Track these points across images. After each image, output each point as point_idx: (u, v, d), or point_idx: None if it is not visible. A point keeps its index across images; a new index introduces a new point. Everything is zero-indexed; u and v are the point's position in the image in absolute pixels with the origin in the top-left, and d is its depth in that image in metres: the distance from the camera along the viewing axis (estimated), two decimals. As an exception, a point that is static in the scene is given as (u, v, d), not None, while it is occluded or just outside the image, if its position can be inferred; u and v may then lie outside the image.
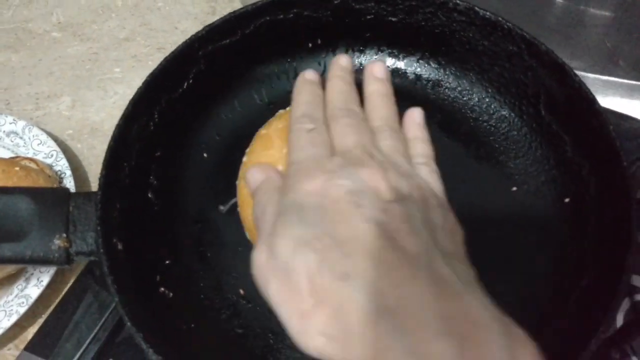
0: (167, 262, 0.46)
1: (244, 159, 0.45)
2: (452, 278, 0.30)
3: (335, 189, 0.33)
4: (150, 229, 0.47)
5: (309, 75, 0.42)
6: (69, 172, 0.64)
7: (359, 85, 0.47)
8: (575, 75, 0.46)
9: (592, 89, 0.66)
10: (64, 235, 0.41)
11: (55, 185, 0.62)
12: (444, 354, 0.26)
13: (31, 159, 0.63)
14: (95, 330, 0.50)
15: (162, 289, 0.45)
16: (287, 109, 0.46)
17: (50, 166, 0.64)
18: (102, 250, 0.40)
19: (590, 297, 0.42)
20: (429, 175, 0.39)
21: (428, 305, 0.28)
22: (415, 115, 0.43)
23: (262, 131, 0.46)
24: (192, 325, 0.44)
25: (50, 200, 0.42)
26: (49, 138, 0.67)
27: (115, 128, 0.45)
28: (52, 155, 0.66)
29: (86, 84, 0.75)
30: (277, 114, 0.47)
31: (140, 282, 0.43)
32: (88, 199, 0.43)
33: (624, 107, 0.65)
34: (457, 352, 0.26)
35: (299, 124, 0.38)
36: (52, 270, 0.57)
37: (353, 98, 0.41)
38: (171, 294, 0.45)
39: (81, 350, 0.49)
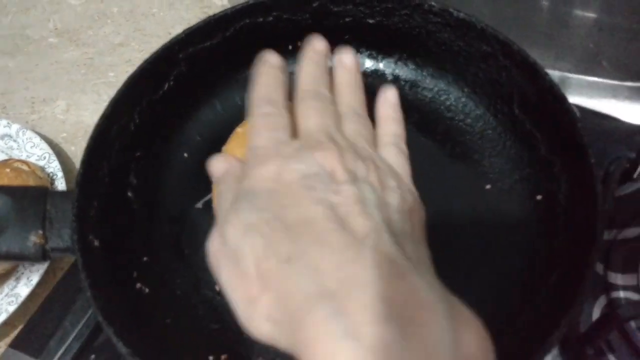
0: (144, 259, 0.47)
1: None
2: (400, 259, 0.30)
3: (289, 174, 0.32)
4: (128, 227, 0.48)
5: (270, 58, 0.42)
6: (61, 174, 0.65)
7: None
8: (546, 74, 0.47)
9: (577, 90, 0.67)
10: (40, 231, 0.42)
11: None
12: (385, 336, 0.26)
13: (23, 161, 0.64)
14: (79, 327, 0.51)
15: (139, 285, 0.46)
16: None
17: (42, 168, 0.66)
18: (76, 247, 0.41)
19: (558, 293, 0.42)
20: (395, 156, 0.39)
21: (370, 287, 0.27)
22: (389, 95, 0.43)
23: (239, 129, 0.47)
24: (168, 321, 0.45)
25: (27, 197, 0.43)
26: (42, 141, 0.68)
27: (94, 127, 0.46)
28: (44, 158, 0.67)
29: (81, 88, 0.77)
30: None
31: (116, 278, 0.44)
32: (65, 197, 0.44)
33: (608, 107, 0.66)
34: (398, 334, 0.26)
35: (257, 108, 0.38)
36: (41, 269, 0.59)
37: (323, 81, 0.40)
38: (147, 290, 0.46)
39: (64, 347, 0.50)
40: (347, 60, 0.43)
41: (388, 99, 0.43)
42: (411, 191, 0.37)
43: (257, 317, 0.30)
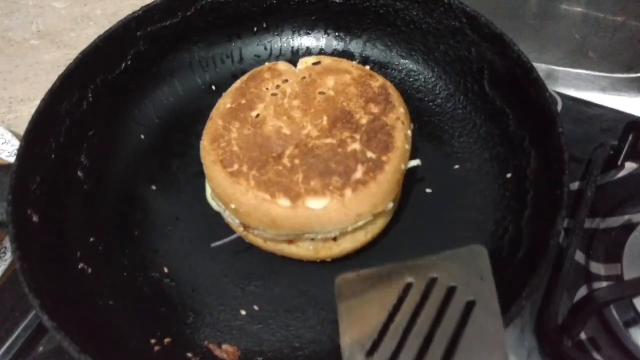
0: (91, 239, 0.45)
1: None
2: None
3: None
4: (76, 206, 0.46)
5: None
6: (30, 170, 0.64)
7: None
8: (514, 44, 0.45)
9: (564, 82, 0.65)
10: (-26, 203, 0.40)
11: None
12: None
13: (-8, 157, 0.63)
14: (29, 317, 0.49)
15: (82, 264, 0.43)
16: None
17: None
18: (9, 219, 0.39)
19: (524, 268, 0.39)
20: None
21: None
22: None
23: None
24: (110, 302, 0.42)
25: (-38, 169, 0.41)
26: (14, 137, 0.67)
27: (41, 102, 0.44)
28: (15, 154, 0.66)
29: (60, 88, 0.75)
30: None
31: (57, 256, 0.42)
32: (5, 171, 0.42)
33: (595, 99, 0.63)
34: None
35: None
36: (3, 265, 0.56)
37: None
38: (90, 270, 0.43)
39: (13, 337, 0.48)
40: None
41: None
42: None
43: None
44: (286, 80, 0.43)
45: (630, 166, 0.53)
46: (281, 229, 0.38)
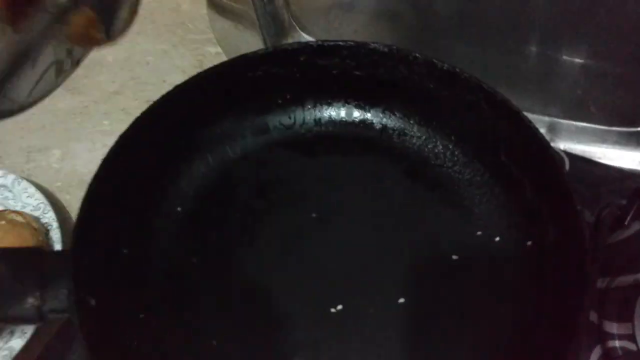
0: (141, 316, 0.48)
1: None
2: None
3: None
4: (123, 285, 0.48)
5: None
6: (55, 224, 0.65)
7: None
8: (530, 122, 0.48)
9: (566, 135, 0.68)
10: (38, 294, 0.42)
11: (40, 238, 0.63)
12: None
13: (18, 212, 0.64)
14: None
15: (136, 342, 0.46)
16: None
17: (37, 219, 0.66)
18: (74, 308, 0.41)
19: (550, 343, 0.42)
20: None
21: None
22: None
23: None
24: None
25: (24, 260, 0.43)
26: (37, 191, 0.68)
27: (88, 187, 0.46)
28: (39, 208, 0.67)
29: (76, 136, 0.77)
30: None
31: (115, 338, 0.45)
32: (62, 258, 0.44)
33: (597, 152, 0.66)
34: None
35: None
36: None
37: None
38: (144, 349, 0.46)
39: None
40: None
41: None
42: None
43: None
44: None
45: (636, 226, 0.56)
46: None
